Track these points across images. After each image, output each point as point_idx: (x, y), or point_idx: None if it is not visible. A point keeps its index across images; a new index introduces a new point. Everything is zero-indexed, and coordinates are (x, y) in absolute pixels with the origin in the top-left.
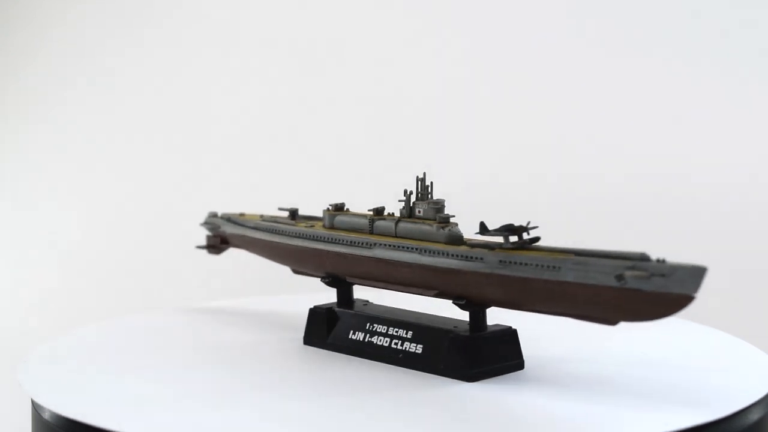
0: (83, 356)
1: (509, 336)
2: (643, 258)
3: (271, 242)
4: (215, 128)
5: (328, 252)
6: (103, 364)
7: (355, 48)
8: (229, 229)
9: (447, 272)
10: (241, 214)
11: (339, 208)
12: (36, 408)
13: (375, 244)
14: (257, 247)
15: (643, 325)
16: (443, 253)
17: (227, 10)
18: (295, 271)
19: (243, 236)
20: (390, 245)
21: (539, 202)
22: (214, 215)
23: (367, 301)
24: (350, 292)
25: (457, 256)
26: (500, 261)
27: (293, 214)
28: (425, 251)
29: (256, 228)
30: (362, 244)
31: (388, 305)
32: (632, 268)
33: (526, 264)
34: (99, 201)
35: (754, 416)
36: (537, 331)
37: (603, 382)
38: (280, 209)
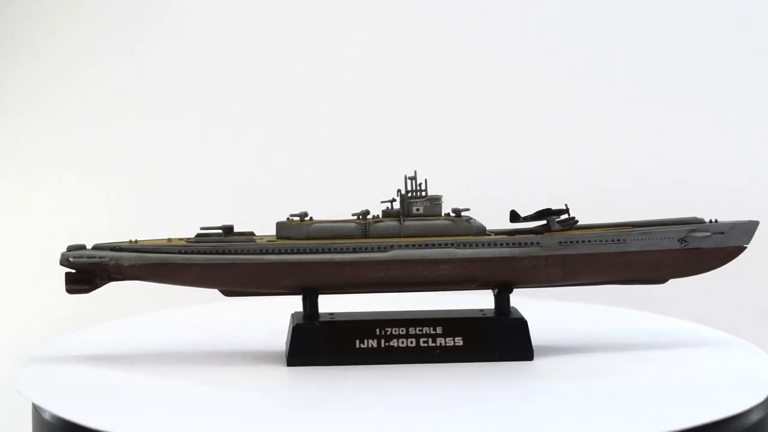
0: (84, 358)
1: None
2: (700, 221)
3: (223, 264)
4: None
5: (321, 263)
6: (104, 366)
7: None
8: (126, 260)
9: (497, 261)
10: (134, 241)
11: (302, 217)
12: (37, 410)
13: (391, 246)
14: (186, 272)
15: (642, 325)
16: (490, 244)
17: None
18: (228, 293)
19: (161, 264)
20: (415, 245)
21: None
22: (80, 247)
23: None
24: (317, 304)
25: (509, 244)
26: (560, 242)
27: (228, 231)
28: (466, 245)
29: (185, 252)
30: (372, 248)
31: (366, 311)
32: (694, 230)
33: (589, 241)
34: (99, 202)
35: (755, 416)
36: None
37: (601, 382)
38: (203, 229)
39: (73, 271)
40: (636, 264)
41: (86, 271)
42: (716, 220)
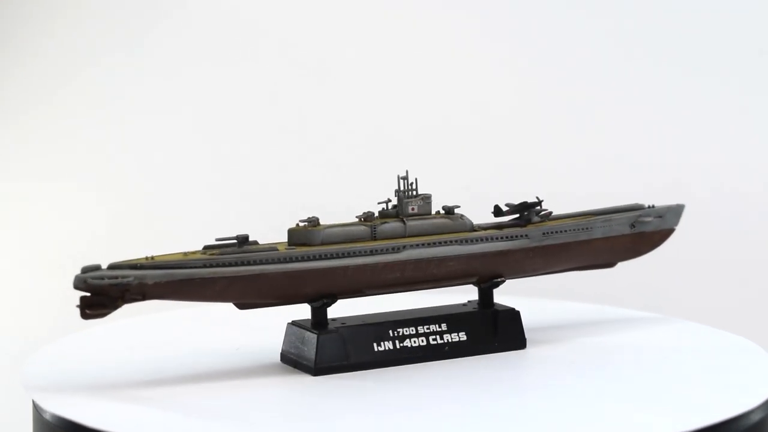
0: (84, 358)
1: None
2: (641, 206)
3: (250, 275)
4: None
5: (345, 268)
6: (105, 366)
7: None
8: (151, 278)
9: (495, 255)
10: (150, 258)
11: (313, 222)
12: (37, 409)
13: (403, 246)
14: (212, 287)
15: (642, 325)
16: (488, 239)
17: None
18: (242, 306)
19: (188, 279)
20: (423, 244)
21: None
22: (95, 268)
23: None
24: (326, 311)
25: (502, 238)
26: (543, 234)
27: (243, 240)
28: (467, 241)
29: (210, 265)
30: (386, 250)
31: (366, 313)
32: (641, 216)
33: (565, 231)
34: (98, 202)
35: (756, 417)
36: None
37: (602, 383)
38: (218, 240)
39: (88, 294)
40: (598, 250)
41: (103, 293)
42: (653, 205)
